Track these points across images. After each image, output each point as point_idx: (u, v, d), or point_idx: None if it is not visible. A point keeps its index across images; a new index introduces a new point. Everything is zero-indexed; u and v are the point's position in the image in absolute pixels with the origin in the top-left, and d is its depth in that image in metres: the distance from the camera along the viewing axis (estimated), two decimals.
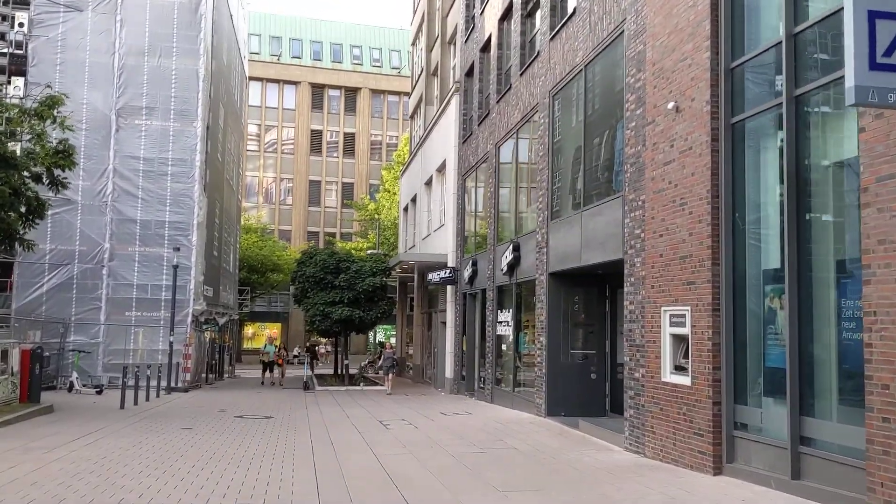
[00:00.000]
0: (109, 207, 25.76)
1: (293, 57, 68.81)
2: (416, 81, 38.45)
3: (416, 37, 38.85)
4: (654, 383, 10.76)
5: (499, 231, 20.46)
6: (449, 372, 25.14)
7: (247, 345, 62.95)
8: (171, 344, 24.29)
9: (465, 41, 25.17)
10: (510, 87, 19.37)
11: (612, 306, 15.57)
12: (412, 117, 40.71)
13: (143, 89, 26.29)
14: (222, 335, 39.17)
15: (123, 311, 25.67)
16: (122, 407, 17.94)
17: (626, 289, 11.84)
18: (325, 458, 10.97)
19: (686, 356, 10.15)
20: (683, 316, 10.06)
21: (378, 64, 71.03)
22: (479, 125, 22.72)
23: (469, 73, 24.80)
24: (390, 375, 24.73)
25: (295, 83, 67.07)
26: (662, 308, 10.56)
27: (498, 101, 20.49)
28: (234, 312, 40.15)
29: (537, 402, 16.12)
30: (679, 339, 10.36)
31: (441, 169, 28.00)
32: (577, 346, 16.04)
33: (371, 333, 53.55)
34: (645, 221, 11.19)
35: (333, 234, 64.39)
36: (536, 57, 17.16)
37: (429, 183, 30.37)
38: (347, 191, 67.08)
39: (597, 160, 13.96)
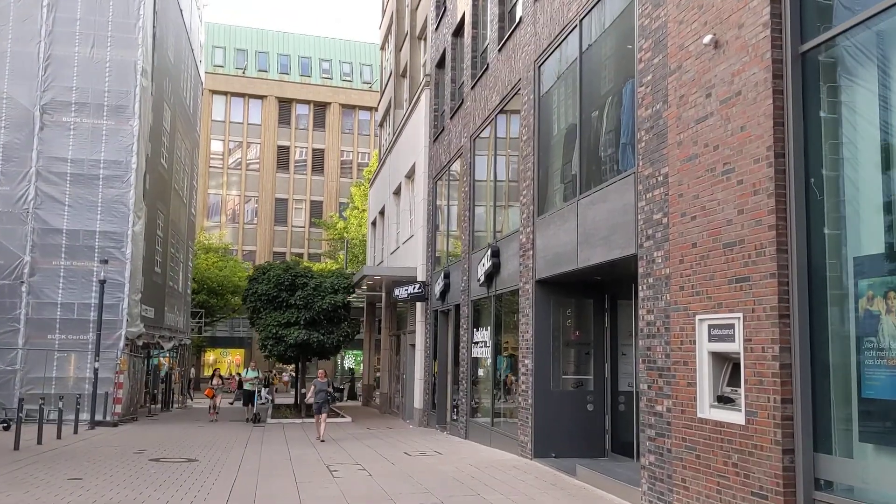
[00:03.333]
0: (31, 215, 22.50)
1: (259, 70, 66.04)
2: (385, 86, 35.73)
3: (385, 39, 36.18)
4: (686, 420, 7.88)
5: (474, 237, 17.61)
6: (418, 402, 22.11)
7: (207, 372, 59.27)
8: (95, 371, 21.00)
9: (436, 28, 22.46)
10: (487, 68, 16.62)
11: (612, 321, 12.74)
12: (381, 125, 37.94)
13: (72, 82, 23.17)
14: (171, 362, 35.86)
15: (45, 333, 22.30)
16: (16, 448, 14.70)
17: (641, 293, 8.99)
18: None
19: (734, 383, 7.30)
20: (731, 326, 7.21)
21: (349, 78, 68.41)
22: (451, 119, 19.95)
23: (440, 65, 22.07)
24: (323, 415, 17.82)
25: (261, 97, 64.20)
26: (697, 317, 7.71)
27: (473, 87, 17.73)
28: (186, 337, 36.81)
29: (521, 439, 13.17)
30: (722, 360, 7.51)
31: (410, 175, 25.20)
32: (570, 370, 13.16)
33: (338, 359, 50.34)
34: (668, 202, 8.37)
35: (301, 255, 61.05)
36: (518, 25, 14.43)
37: (398, 192, 27.54)
38: (316, 210, 64.05)
39: (597, 135, 11.17)
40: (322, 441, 17.07)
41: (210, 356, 61.27)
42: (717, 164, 7.52)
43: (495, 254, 15.15)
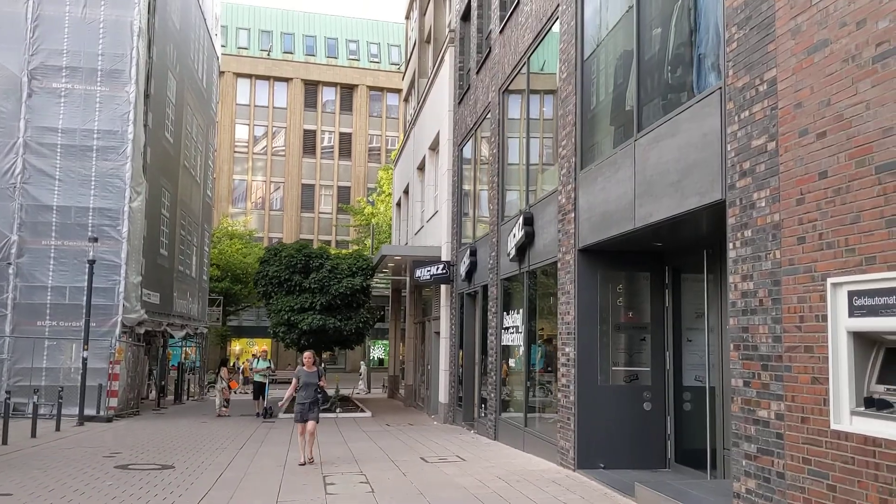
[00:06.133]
0: (18, 191, 20.48)
1: (285, 52, 64.01)
2: (410, 56, 33.37)
3: (410, 6, 33.76)
4: (811, 432, 5.38)
5: (504, 206, 15.15)
6: (443, 396, 19.74)
7: (233, 362, 57.70)
8: (84, 361, 18.91)
9: None
10: (517, 4, 14.09)
11: (674, 299, 10.22)
12: (406, 100, 35.61)
13: (63, 45, 21.09)
14: (191, 351, 34.11)
15: (35, 320, 20.33)
16: None
17: (733, 252, 6.46)
18: None
19: (894, 379, 4.79)
20: (891, 292, 4.69)
21: (376, 59, 66.14)
22: (477, 73, 17.47)
23: (466, 16, 19.60)
24: (310, 424, 11.69)
25: (286, 80, 62.20)
26: (830, 280, 5.19)
27: (502, 30, 15.23)
28: (202, 325, 34.84)
29: (562, 445, 10.71)
30: (870, 343, 5.00)
31: (434, 146, 22.80)
32: (622, 360, 10.65)
33: (365, 349, 48.14)
34: (778, 118, 5.84)
35: (329, 242, 59.05)
36: None
37: (421, 167, 25.18)
38: (344, 195, 61.99)
39: (662, 55, 8.62)
40: (310, 462, 11.45)
41: (236, 346, 59.64)
42: (862, 47, 4.98)
43: (528, 221, 12.67)
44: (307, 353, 12.13)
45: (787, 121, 5.70)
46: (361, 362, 39.54)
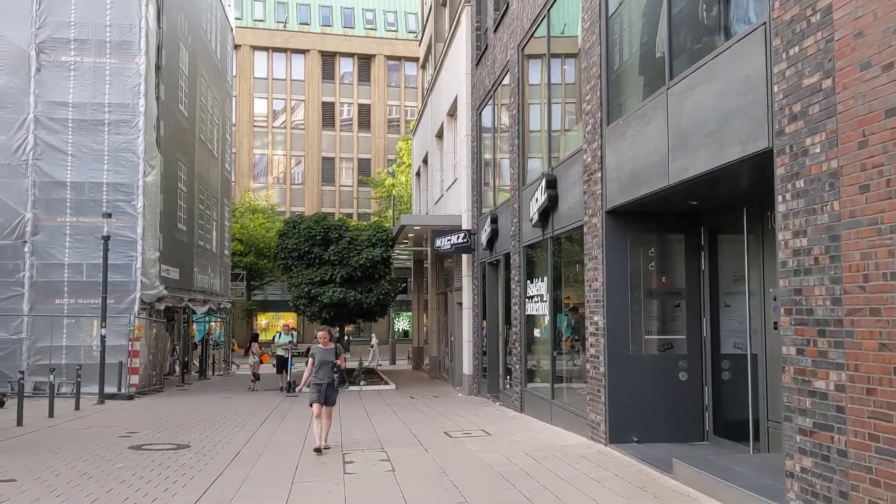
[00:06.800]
0: (31, 167, 20.17)
1: (301, 23, 63.20)
2: (426, 21, 32.53)
3: None
4: (879, 406, 4.76)
5: (525, 170, 14.49)
6: (467, 367, 19.27)
7: (261, 336, 57.81)
8: (102, 339, 18.64)
9: None
10: None
11: (710, 262, 9.57)
12: (423, 66, 34.82)
13: (70, 17, 20.62)
14: (220, 325, 34.03)
15: (53, 298, 20.11)
16: None
17: (783, 206, 5.81)
18: None
19: None
20: None
21: (393, 28, 65.18)
22: (495, 31, 16.71)
23: None
24: (324, 409, 10.32)
25: (303, 52, 61.45)
26: None
27: None
28: (225, 300, 34.63)
29: (592, 418, 10.16)
30: None
31: (452, 112, 22.11)
32: (655, 328, 10.03)
33: (390, 322, 47.76)
34: (834, 52, 5.15)
35: (350, 215, 58.62)
36: None
37: (440, 134, 24.50)
38: (364, 168, 61.42)
39: None
40: (326, 449, 10.14)
41: (262, 320, 59.67)
42: None
43: (551, 184, 12.02)
44: (321, 332, 10.76)
45: (846, 53, 5.01)
46: (373, 335, 39.01)
